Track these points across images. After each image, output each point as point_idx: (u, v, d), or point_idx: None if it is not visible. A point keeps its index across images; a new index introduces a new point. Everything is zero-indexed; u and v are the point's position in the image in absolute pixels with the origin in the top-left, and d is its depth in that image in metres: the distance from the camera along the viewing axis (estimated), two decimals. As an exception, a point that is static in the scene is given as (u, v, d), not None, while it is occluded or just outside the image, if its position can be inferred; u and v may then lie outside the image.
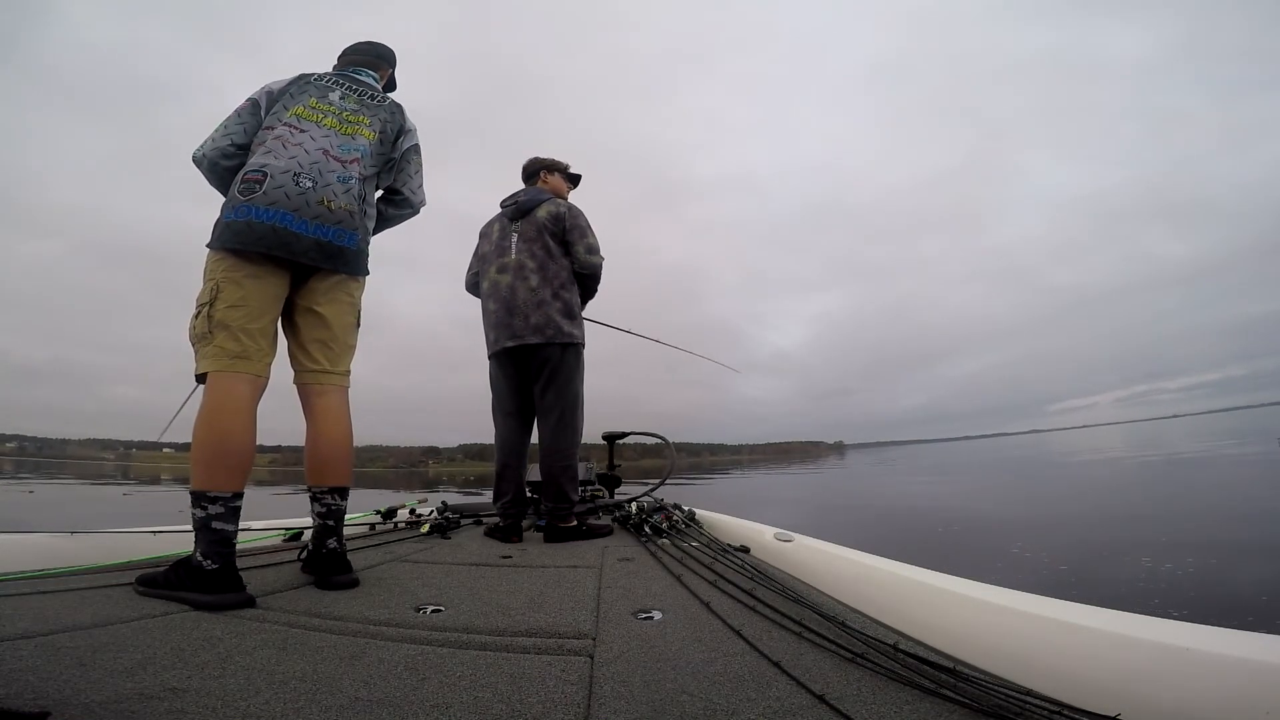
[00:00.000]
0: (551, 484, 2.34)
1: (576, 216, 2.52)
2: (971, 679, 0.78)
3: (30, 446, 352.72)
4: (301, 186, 1.45)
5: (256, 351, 1.39)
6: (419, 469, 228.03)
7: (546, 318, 2.37)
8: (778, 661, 0.88)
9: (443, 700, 0.75)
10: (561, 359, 2.39)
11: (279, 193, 1.42)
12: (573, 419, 2.42)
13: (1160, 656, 0.77)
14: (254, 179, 1.43)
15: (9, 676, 0.75)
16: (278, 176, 1.43)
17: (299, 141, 1.50)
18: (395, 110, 1.74)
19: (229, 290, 1.38)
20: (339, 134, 1.58)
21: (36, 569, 1.46)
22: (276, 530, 2.14)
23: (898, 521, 8.12)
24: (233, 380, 1.35)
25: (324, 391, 1.53)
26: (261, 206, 1.40)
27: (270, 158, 1.46)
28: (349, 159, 1.57)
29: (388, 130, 1.70)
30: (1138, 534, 5.61)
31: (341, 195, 1.51)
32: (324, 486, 1.50)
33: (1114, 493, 10.40)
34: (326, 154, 1.52)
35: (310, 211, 1.45)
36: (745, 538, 2.07)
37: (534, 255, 2.43)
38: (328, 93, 1.64)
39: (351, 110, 1.64)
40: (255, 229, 1.39)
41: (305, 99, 1.59)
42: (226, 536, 1.26)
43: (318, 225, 1.46)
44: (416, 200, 1.82)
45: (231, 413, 1.33)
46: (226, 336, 1.36)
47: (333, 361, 1.55)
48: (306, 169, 1.47)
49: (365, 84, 1.74)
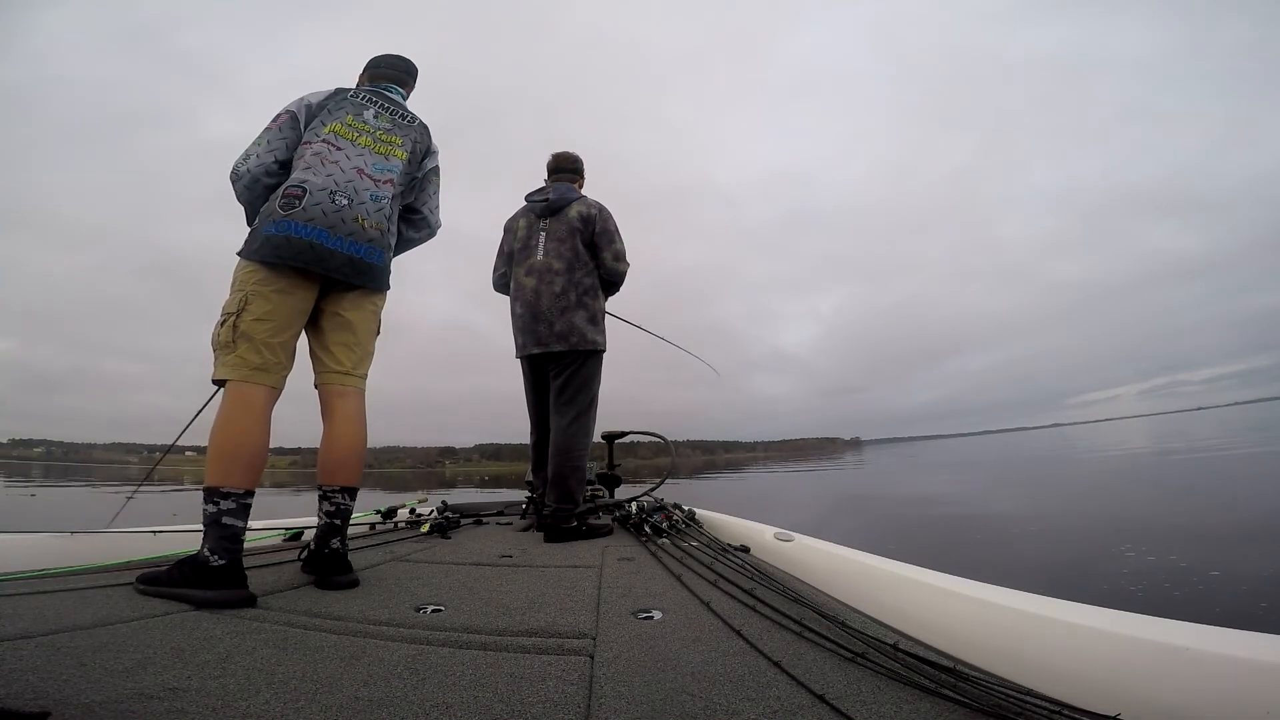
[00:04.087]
0: (559, 484, 2.33)
1: (607, 220, 2.46)
2: (972, 679, 0.78)
3: (57, 451, 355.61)
4: (338, 204, 1.49)
5: (276, 365, 1.43)
6: (436, 469, 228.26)
7: (571, 325, 2.35)
8: (778, 661, 0.88)
9: (443, 700, 0.75)
10: (583, 365, 2.38)
11: (317, 209, 1.46)
12: (585, 421, 2.40)
13: (1160, 656, 0.77)
14: (294, 194, 1.46)
15: (9, 676, 0.74)
16: (316, 194, 1.47)
17: (336, 159, 1.54)
18: (424, 131, 1.78)
19: (257, 303, 1.41)
20: (373, 153, 1.63)
21: (36, 569, 1.46)
22: (277, 530, 2.15)
23: (982, 534, 6.22)
24: (251, 390, 1.39)
25: (344, 393, 1.57)
26: (300, 222, 1.44)
27: (310, 174, 1.50)
28: (382, 179, 1.61)
29: (416, 150, 1.74)
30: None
31: (374, 214, 1.56)
32: (335, 486, 1.52)
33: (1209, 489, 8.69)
34: (361, 172, 1.57)
35: (345, 229, 1.49)
36: (745, 537, 2.07)
37: (561, 256, 2.39)
38: (363, 110, 1.67)
39: (385, 130, 1.68)
40: (294, 244, 1.42)
41: (342, 115, 1.63)
42: (236, 533, 1.28)
43: (351, 242, 1.50)
44: (434, 221, 1.86)
45: (248, 419, 1.36)
46: (250, 348, 1.39)
47: (355, 364, 1.59)
48: (342, 187, 1.51)
49: (396, 103, 1.78)
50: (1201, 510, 6.44)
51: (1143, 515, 6.41)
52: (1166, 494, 8.67)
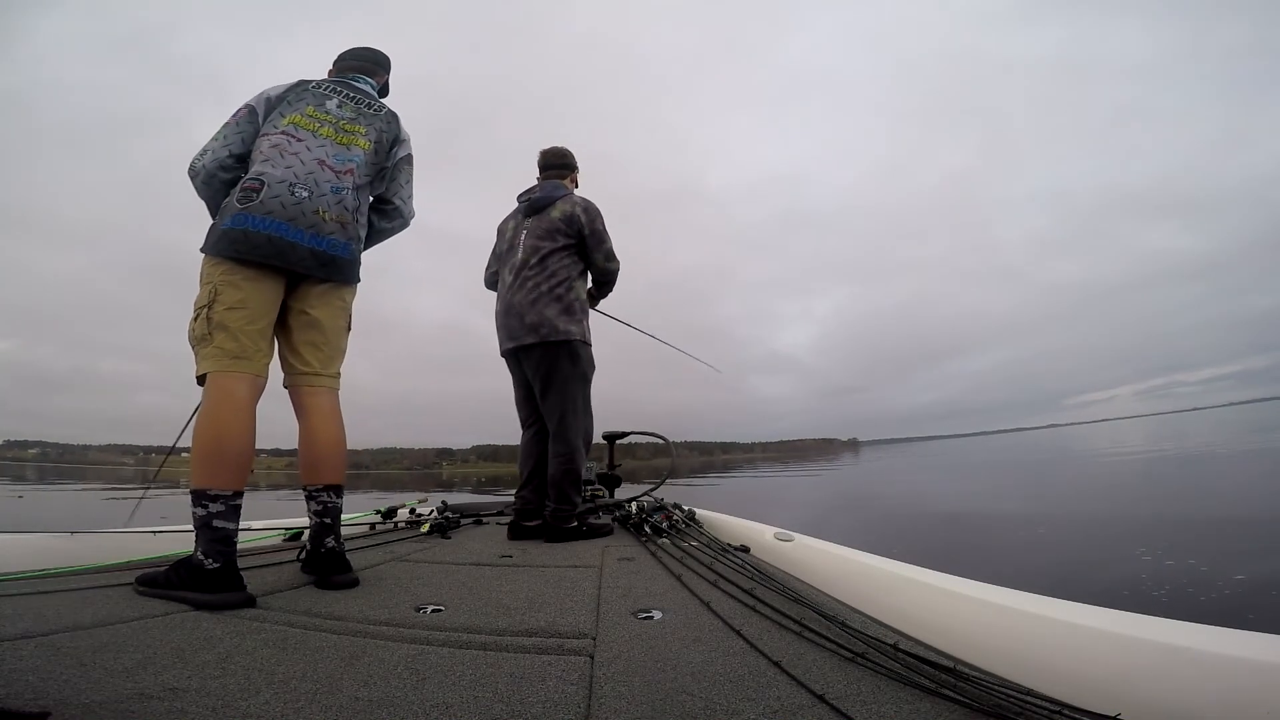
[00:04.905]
0: (554, 486, 2.32)
1: (594, 219, 2.42)
2: (972, 679, 0.78)
3: (52, 452, 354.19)
4: (297, 196, 1.46)
5: (255, 352, 1.40)
6: (433, 470, 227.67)
7: (541, 316, 2.32)
8: (778, 661, 0.88)
9: (443, 700, 0.75)
10: (558, 359, 2.33)
11: (275, 202, 1.43)
12: (574, 420, 2.34)
13: (1160, 656, 0.77)
14: (252, 187, 1.43)
15: (9, 676, 0.74)
16: (274, 186, 1.44)
17: (295, 151, 1.51)
18: (392, 119, 1.75)
19: (227, 292, 1.38)
20: (335, 143, 1.58)
21: (36, 569, 1.46)
22: (276, 530, 2.15)
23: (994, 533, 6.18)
24: (232, 380, 1.36)
25: (315, 392, 1.54)
26: (258, 215, 1.41)
27: (268, 166, 1.47)
28: (343, 169, 1.57)
29: (383, 140, 1.70)
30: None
31: (335, 206, 1.53)
32: (318, 484, 1.50)
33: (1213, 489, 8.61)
34: (322, 164, 1.53)
35: (305, 221, 1.46)
36: (745, 537, 2.07)
37: (538, 252, 2.38)
38: (325, 101, 1.63)
39: (348, 119, 1.64)
40: (252, 238, 1.40)
41: (303, 106, 1.59)
42: (228, 535, 1.26)
43: (313, 235, 1.47)
44: (407, 211, 1.82)
45: (230, 412, 1.33)
46: (225, 337, 1.37)
47: (323, 364, 1.56)
48: (302, 179, 1.48)
49: (363, 92, 1.74)
50: (1213, 512, 6.27)
51: (1153, 517, 6.27)
52: (1173, 495, 8.51)
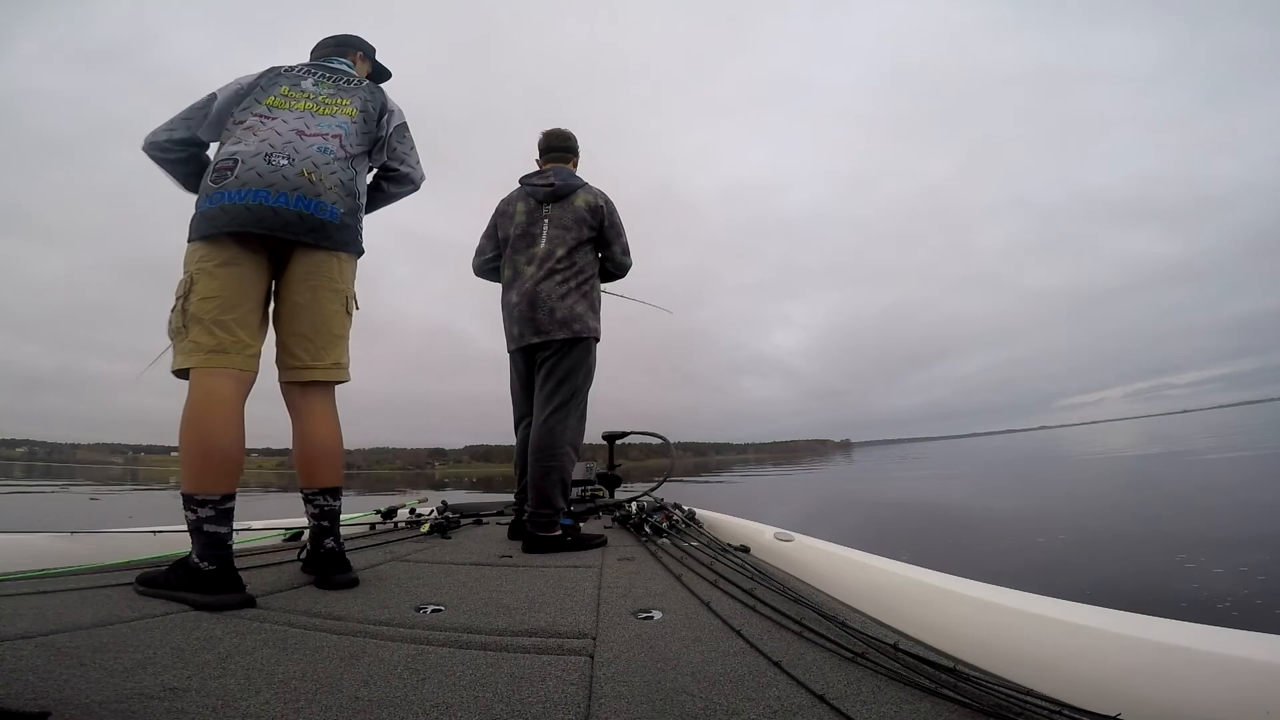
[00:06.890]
0: (533, 486, 2.11)
1: (613, 213, 2.39)
2: (972, 679, 0.78)
3: (40, 452, 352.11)
4: (275, 164, 1.39)
5: (234, 345, 1.33)
6: (426, 470, 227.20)
7: (573, 311, 2.24)
8: (778, 661, 0.88)
9: (443, 700, 0.75)
10: (573, 350, 2.25)
11: (250, 174, 1.37)
12: (567, 415, 2.22)
13: (1160, 656, 0.77)
14: (225, 167, 1.38)
15: (9, 676, 0.74)
16: (249, 160, 1.38)
17: (270, 126, 1.45)
18: (374, 91, 1.68)
19: (202, 282, 1.33)
20: (315, 114, 1.51)
21: (36, 569, 1.46)
22: (276, 530, 2.14)
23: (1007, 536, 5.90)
24: (213, 377, 1.30)
25: (306, 390, 1.48)
26: (234, 190, 1.35)
27: (240, 145, 1.41)
28: (329, 133, 1.50)
29: (369, 109, 1.62)
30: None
31: (322, 166, 1.45)
32: (314, 488, 1.47)
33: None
34: (301, 133, 1.46)
35: (289, 184, 1.39)
36: (745, 537, 2.07)
37: (565, 244, 2.29)
38: (300, 81, 1.58)
39: (328, 95, 1.58)
40: (228, 211, 1.34)
41: (276, 89, 1.54)
42: (220, 538, 1.24)
43: (299, 197, 1.39)
44: (416, 175, 1.75)
45: (214, 412, 1.28)
46: (201, 330, 1.31)
47: (315, 356, 1.47)
48: (280, 149, 1.41)
49: (339, 70, 1.68)
50: (1244, 515, 5.81)
51: (1178, 520, 5.84)
52: (1186, 497, 8.02)
